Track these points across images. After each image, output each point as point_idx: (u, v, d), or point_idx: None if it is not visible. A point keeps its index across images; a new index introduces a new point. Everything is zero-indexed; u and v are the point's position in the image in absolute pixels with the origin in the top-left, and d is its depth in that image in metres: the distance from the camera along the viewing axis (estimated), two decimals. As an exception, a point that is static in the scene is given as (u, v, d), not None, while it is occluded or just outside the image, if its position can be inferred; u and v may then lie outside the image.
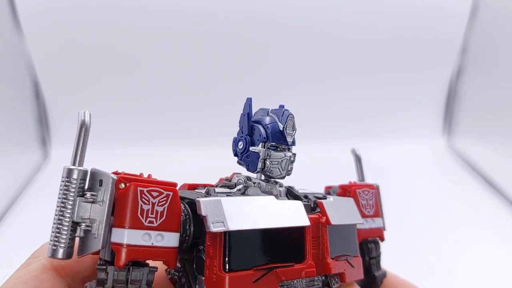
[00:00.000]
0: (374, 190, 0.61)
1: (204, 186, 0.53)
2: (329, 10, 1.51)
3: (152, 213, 0.41)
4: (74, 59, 1.49)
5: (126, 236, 0.40)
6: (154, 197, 0.41)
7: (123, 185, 0.41)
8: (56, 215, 0.41)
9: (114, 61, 1.51)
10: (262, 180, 0.52)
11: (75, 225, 0.41)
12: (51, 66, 1.49)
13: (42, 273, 0.45)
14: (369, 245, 0.60)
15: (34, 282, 0.43)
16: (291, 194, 0.54)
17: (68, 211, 0.41)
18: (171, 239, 0.42)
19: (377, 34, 1.55)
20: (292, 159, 0.52)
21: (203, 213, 0.42)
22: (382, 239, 0.61)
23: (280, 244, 0.45)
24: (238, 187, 0.52)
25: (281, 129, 0.50)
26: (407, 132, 1.64)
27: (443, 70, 1.65)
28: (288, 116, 0.51)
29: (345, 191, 0.59)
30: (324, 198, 0.53)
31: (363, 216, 0.58)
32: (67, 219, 0.40)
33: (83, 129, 0.43)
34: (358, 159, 0.65)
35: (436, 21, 1.55)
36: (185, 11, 1.46)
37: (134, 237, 0.40)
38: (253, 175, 0.53)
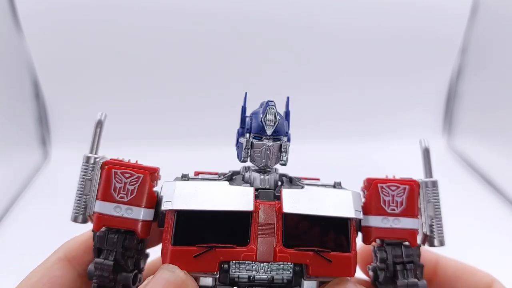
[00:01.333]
0: (409, 186, 0.55)
1: (209, 173, 0.58)
2: (329, 10, 1.51)
3: (123, 190, 0.51)
4: (74, 59, 1.50)
5: (100, 207, 0.51)
6: (126, 178, 0.51)
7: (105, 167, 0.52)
8: (77, 190, 0.53)
9: (114, 61, 1.51)
10: (255, 170, 0.54)
11: (85, 198, 0.53)
12: (51, 66, 1.49)
13: (56, 263, 0.54)
14: (393, 248, 0.54)
15: (47, 270, 0.53)
16: (289, 184, 0.55)
17: (82, 187, 0.52)
18: (140, 213, 0.51)
19: (377, 34, 1.56)
20: (283, 149, 0.53)
21: (161, 193, 0.51)
22: (412, 243, 0.54)
23: (225, 227, 0.49)
24: (226, 174, 0.56)
25: (261, 119, 0.52)
26: (407, 132, 1.64)
27: (443, 70, 1.65)
28: (267, 106, 0.52)
29: (370, 184, 0.55)
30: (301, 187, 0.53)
31: (384, 214, 0.53)
32: (81, 194, 0.52)
33: (99, 126, 0.56)
34: (426, 152, 0.57)
35: (436, 21, 1.55)
36: (185, 10, 1.46)
37: (107, 208, 0.51)
38: (251, 165, 0.55)
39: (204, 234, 0.49)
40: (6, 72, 1.37)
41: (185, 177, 0.54)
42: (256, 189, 0.52)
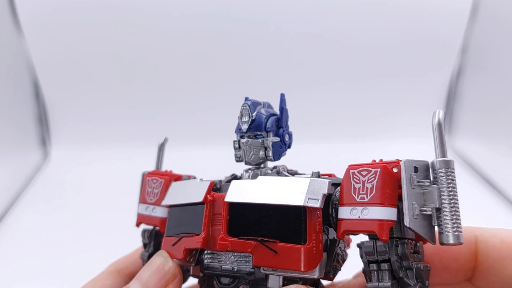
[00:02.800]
0: (381, 168, 0.45)
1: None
2: (329, 12, 1.51)
3: (152, 194, 0.60)
4: (74, 59, 1.50)
5: (139, 208, 0.61)
6: (154, 183, 0.60)
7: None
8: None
9: (113, 61, 1.51)
10: (250, 168, 0.57)
11: None
12: (51, 66, 1.49)
13: (108, 273, 0.62)
14: (364, 244, 0.46)
15: (100, 280, 0.61)
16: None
17: None
18: (161, 212, 0.59)
19: (377, 34, 1.56)
20: (266, 144, 0.54)
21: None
22: (380, 237, 0.43)
23: (190, 218, 0.54)
24: (230, 175, 0.60)
25: (238, 118, 0.55)
26: (407, 132, 1.64)
27: (443, 71, 1.65)
28: (242, 106, 0.55)
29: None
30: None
31: (353, 203, 0.45)
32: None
33: (161, 149, 0.66)
34: (438, 127, 0.45)
35: (436, 21, 1.55)
36: (187, 12, 1.46)
37: (141, 208, 0.61)
38: None
39: (179, 225, 0.54)
40: (6, 72, 1.37)
41: (188, 179, 0.62)
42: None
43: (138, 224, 0.62)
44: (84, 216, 1.21)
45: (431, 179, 0.45)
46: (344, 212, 0.46)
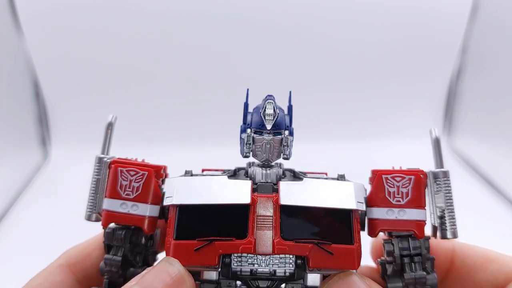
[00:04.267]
0: (414, 176, 0.53)
1: (215, 170, 0.59)
2: (330, 11, 1.51)
3: (129, 188, 0.52)
4: (74, 59, 1.50)
5: (107, 204, 0.52)
6: (131, 175, 0.52)
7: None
8: (90, 190, 0.55)
9: (114, 61, 1.51)
10: (258, 165, 0.55)
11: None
12: (51, 66, 1.49)
13: (57, 268, 0.56)
14: (400, 240, 0.53)
15: (49, 276, 0.55)
16: (287, 176, 0.56)
17: (93, 187, 0.55)
18: (145, 209, 0.52)
19: (377, 34, 1.56)
20: (285, 143, 0.53)
21: (164, 190, 0.53)
22: (419, 235, 0.52)
23: (224, 220, 0.49)
24: (229, 170, 0.57)
25: (261, 114, 0.52)
26: (407, 132, 1.64)
27: (443, 70, 1.65)
28: (266, 101, 0.53)
29: (374, 176, 0.54)
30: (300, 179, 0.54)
31: (389, 205, 0.52)
32: (92, 193, 0.55)
33: (109, 128, 0.56)
34: (436, 142, 0.56)
35: (436, 21, 1.55)
36: (188, 12, 1.46)
37: (113, 205, 0.52)
38: (255, 160, 0.56)
39: (204, 227, 0.49)
40: (6, 72, 1.37)
41: (187, 173, 0.55)
42: (256, 183, 0.52)
43: (106, 224, 0.53)
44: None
45: (436, 185, 0.55)
46: (379, 213, 0.53)
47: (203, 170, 0.59)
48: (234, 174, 0.56)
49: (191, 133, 1.59)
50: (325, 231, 0.50)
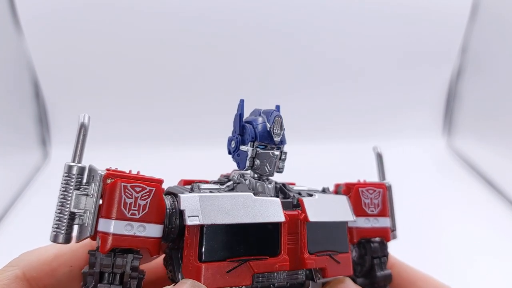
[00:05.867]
0: (382, 189, 0.61)
1: (200, 182, 0.56)
2: (329, 12, 1.51)
3: (134, 206, 0.45)
4: (74, 59, 1.49)
5: (109, 226, 0.44)
6: (137, 192, 0.46)
7: (109, 181, 0.46)
8: (57, 205, 0.46)
9: (113, 61, 1.51)
10: (253, 178, 0.55)
11: (72, 214, 0.46)
12: (51, 66, 1.49)
13: (14, 282, 0.47)
14: (372, 245, 0.60)
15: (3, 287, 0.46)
16: (282, 191, 0.56)
17: (67, 202, 0.46)
18: (152, 230, 0.46)
19: (377, 35, 1.56)
20: (283, 157, 0.56)
21: (182, 207, 0.47)
22: (387, 239, 0.61)
23: (255, 239, 0.48)
24: (228, 184, 0.55)
25: (269, 129, 0.53)
26: (407, 132, 1.64)
27: (443, 70, 1.65)
28: (275, 117, 0.53)
29: (349, 189, 0.61)
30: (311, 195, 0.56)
31: (365, 215, 0.59)
32: (66, 210, 0.45)
33: (82, 130, 0.47)
34: (379, 157, 0.64)
35: (436, 21, 1.56)
36: (187, 14, 1.46)
37: (117, 226, 0.45)
38: (246, 172, 0.56)
39: (233, 247, 0.47)
40: (6, 72, 1.36)
41: (193, 190, 0.52)
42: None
43: (108, 250, 0.44)
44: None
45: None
46: (359, 222, 0.59)
47: (185, 182, 0.57)
48: (233, 188, 0.55)
49: (193, 134, 1.59)
50: (334, 243, 0.54)
